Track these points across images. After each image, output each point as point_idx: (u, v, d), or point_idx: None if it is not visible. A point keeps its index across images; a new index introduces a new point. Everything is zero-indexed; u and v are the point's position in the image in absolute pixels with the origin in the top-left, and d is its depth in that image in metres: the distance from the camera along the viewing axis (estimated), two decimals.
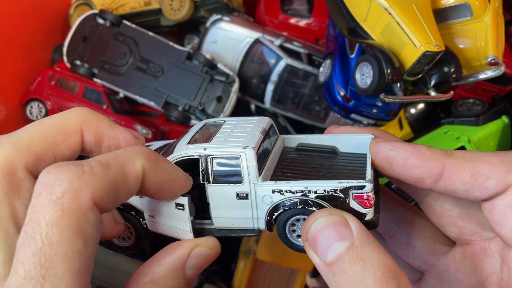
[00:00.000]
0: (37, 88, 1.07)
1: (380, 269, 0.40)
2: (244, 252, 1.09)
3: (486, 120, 0.92)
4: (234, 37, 1.10)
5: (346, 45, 0.92)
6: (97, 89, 1.06)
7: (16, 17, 1.05)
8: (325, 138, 0.61)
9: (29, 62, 1.10)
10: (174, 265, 0.46)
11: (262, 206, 0.52)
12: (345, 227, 0.43)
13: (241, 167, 0.52)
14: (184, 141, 0.56)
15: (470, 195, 0.47)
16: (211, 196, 0.53)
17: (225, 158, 0.52)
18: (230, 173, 0.52)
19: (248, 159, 0.52)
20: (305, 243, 0.46)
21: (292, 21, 1.17)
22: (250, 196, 0.52)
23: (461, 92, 1.06)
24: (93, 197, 0.37)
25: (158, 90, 1.04)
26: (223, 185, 0.53)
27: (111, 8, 1.12)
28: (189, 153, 0.53)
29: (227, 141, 0.54)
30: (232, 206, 0.53)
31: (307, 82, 1.06)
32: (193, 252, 0.48)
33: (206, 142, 0.54)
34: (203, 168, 0.53)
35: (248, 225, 0.55)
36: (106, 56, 1.06)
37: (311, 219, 0.45)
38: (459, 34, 0.86)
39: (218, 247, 0.51)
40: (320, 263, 0.43)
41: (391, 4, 0.77)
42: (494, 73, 0.84)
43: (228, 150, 0.52)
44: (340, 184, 0.49)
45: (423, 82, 0.82)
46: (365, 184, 0.48)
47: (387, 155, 0.49)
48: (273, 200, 0.51)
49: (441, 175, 0.47)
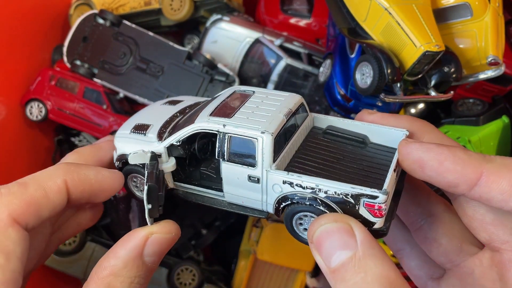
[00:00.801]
0: (37, 88, 1.07)
1: (381, 283, 0.39)
2: (244, 252, 1.09)
3: (486, 120, 0.92)
4: (234, 37, 1.10)
5: (346, 45, 0.92)
6: (97, 89, 1.06)
7: (16, 17, 1.05)
8: (357, 125, 0.58)
9: (29, 62, 1.10)
10: (131, 256, 0.47)
11: (272, 193, 0.52)
12: (349, 236, 0.42)
13: (256, 151, 0.51)
14: (209, 110, 0.56)
15: (506, 205, 0.44)
16: (224, 173, 0.53)
17: (242, 139, 0.51)
18: (245, 155, 0.52)
19: (265, 145, 0.50)
20: (311, 244, 0.45)
21: (292, 21, 1.17)
22: (262, 181, 0.51)
23: (461, 92, 1.06)
24: (11, 214, 0.40)
25: (158, 90, 1.04)
26: (236, 165, 0.52)
27: (111, 8, 1.12)
28: (208, 127, 0.53)
29: (248, 120, 0.53)
30: (243, 186, 0.53)
31: (307, 82, 1.06)
32: (149, 240, 0.48)
33: (228, 117, 0.53)
34: (220, 145, 0.52)
35: (257, 206, 0.54)
36: (106, 56, 1.06)
37: (316, 223, 0.45)
38: (459, 34, 0.85)
39: (176, 231, 0.52)
40: (324, 267, 0.43)
41: (391, 4, 0.77)
42: (494, 73, 0.84)
43: (246, 132, 0.51)
44: (353, 190, 0.47)
45: (423, 82, 0.82)
46: (378, 195, 0.46)
47: (420, 158, 0.47)
48: (282, 190, 0.51)
49: (477, 182, 0.44)
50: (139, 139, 0.60)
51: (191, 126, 0.55)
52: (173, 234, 0.51)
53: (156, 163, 0.54)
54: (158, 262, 0.50)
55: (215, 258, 1.24)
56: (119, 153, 0.61)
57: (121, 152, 0.60)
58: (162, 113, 0.65)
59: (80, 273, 1.04)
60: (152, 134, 0.60)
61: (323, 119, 0.61)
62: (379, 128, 0.57)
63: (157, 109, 0.68)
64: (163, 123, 0.62)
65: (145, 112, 0.69)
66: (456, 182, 0.45)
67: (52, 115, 1.06)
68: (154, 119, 0.64)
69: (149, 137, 0.60)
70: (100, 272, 0.46)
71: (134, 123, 0.64)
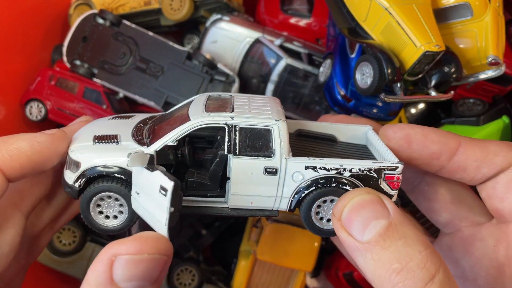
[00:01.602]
0: (37, 88, 1.06)
1: (422, 245, 0.41)
2: (244, 252, 1.09)
3: (486, 120, 0.92)
4: (234, 37, 1.10)
5: (346, 45, 0.92)
6: (96, 89, 1.06)
7: (16, 17, 1.05)
8: (324, 126, 0.60)
9: (28, 62, 1.09)
10: (99, 283, 0.39)
11: (291, 184, 0.50)
12: (382, 206, 0.44)
13: (273, 140, 0.49)
14: (198, 110, 0.52)
15: (479, 172, 0.49)
16: (235, 170, 0.50)
17: (255, 130, 0.49)
18: (260, 146, 0.49)
19: (282, 132, 0.49)
20: (337, 223, 0.45)
21: (292, 21, 1.17)
22: (280, 171, 0.50)
23: (462, 92, 1.06)
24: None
25: (158, 90, 1.04)
26: (250, 159, 0.49)
27: (111, 8, 1.12)
28: (213, 121, 0.49)
29: (253, 113, 0.51)
30: (256, 182, 0.50)
31: (307, 82, 1.06)
32: (115, 264, 0.39)
33: (228, 112, 0.51)
34: (230, 138, 0.49)
35: (268, 205, 0.52)
36: (106, 56, 1.06)
37: (346, 198, 0.45)
38: (460, 34, 0.85)
39: (152, 248, 0.40)
40: (355, 243, 0.43)
41: (391, 4, 0.77)
42: (495, 73, 0.84)
43: (259, 121, 0.49)
44: (375, 164, 0.49)
45: (424, 82, 0.81)
46: (398, 166, 0.49)
47: (407, 133, 0.51)
48: (304, 177, 0.49)
49: (456, 151, 0.50)
50: (114, 147, 0.51)
51: (190, 123, 0.50)
52: (146, 254, 0.39)
53: (155, 165, 0.49)
54: (151, 285, 0.41)
55: (215, 258, 1.24)
56: (86, 166, 0.50)
57: (91, 164, 0.50)
58: (119, 125, 0.57)
59: (80, 273, 1.04)
60: (129, 142, 0.52)
61: (291, 123, 0.61)
62: (345, 127, 0.60)
63: (109, 123, 0.59)
64: (132, 132, 0.55)
65: (94, 126, 0.58)
66: (439, 152, 0.50)
67: (52, 115, 1.06)
68: (114, 130, 0.56)
69: (125, 144, 0.52)
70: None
71: (90, 135, 0.54)
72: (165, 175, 0.45)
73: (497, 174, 0.49)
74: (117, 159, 0.50)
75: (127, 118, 0.61)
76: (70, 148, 0.52)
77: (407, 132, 0.51)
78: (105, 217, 0.52)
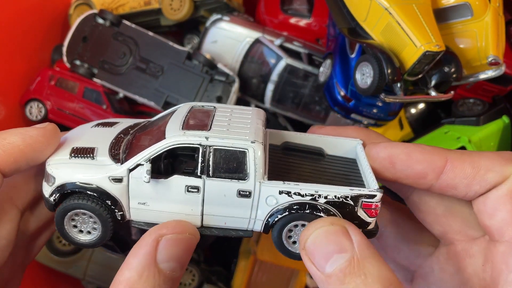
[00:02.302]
0: (37, 88, 1.06)
1: (381, 283, 0.39)
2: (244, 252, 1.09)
3: (486, 120, 0.92)
4: (234, 37, 1.09)
5: (346, 45, 0.92)
6: (96, 89, 1.06)
7: (16, 17, 1.04)
8: (312, 138, 0.58)
9: (28, 62, 1.09)
10: (144, 264, 0.43)
11: (264, 207, 0.49)
12: (346, 239, 0.42)
13: (247, 163, 0.48)
14: (175, 125, 0.51)
15: (470, 190, 0.47)
16: (208, 191, 0.49)
17: (230, 151, 0.48)
18: (234, 168, 0.48)
19: (256, 155, 0.48)
20: (302, 252, 0.44)
21: (292, 21, 1.17)
22: (253, 195, 0.49)
23: (462, 92, 1.06)
24: None
25: (158, 90, 1.04)
26: (223, 181, 0.48)
27: (111, 8, 1.12)
28: (187, 141, 0.48)
29: (230, 132, 0.50)
30: (229, 204, 0.49)
31: (307, 82, 1.06)
32: (160, 243, 0.43)
33: (205, 130, 0.50)
34: (203, 159, 0.48)
35: (242, 225, 0.51)
36: (106, 56, 1.06)
37: (310, 228, 0.44)
38: (460, 34, 0.85)
39: (191, 230, 0.46)
40: (318, 273, 0.42)
41: (392, 4, 0.77)
42: (495, 73, 0.84)
43: (234, 143, 0.48)
44: (352, 192, 0.47)
45: (424, 82, 0.81)
46: (376, 194, 0.47)
47: (389, 154, 0.49)
48: (278, 201, 0.48)
49: (443, 169, 0.47)
50: (88, 163, 0.50)
51: (164, 142, 0.49)
52: (187, 233, 0.46)
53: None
54: (181, 269, 0.45)
55: (215, 258, 1.24)
56: (60, 182, 0.49)
57: (64, 181, 0.49)
58: (100, 135, 0.56)
59: (80, 273, 1.04)
60: (104, 157, 0.51)
61: (277, 134, 0.59)
62: (333, 140, 0.58)
63: (91, 132, 0.58)
64: (110, 145, 0.54)
65: (76, 135, 0.58)
66: (425, 172, 0.47)
67: (52, 115, 1.06)
68: (93, 141, 0.55)
69: (100, 160, 0.51)
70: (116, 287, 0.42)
71: (69, 147, 0.53)
72: (187, 175, 0.48)
73: (489, 190, 0.46)
74: (91, 176, 0.50)
75: (110, 126, 0.59)
76: (47, 161, 0.51)
77: (390, 153, 0.49)
78: (79, 232, 0.52)
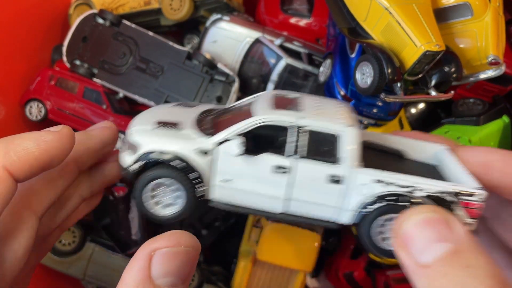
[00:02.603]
0: (37, 88, 1.06)
1: (489, 278, 0.36)
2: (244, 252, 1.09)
3: (486, 119, 0.92)
4: (234, 37, 1.09)
5: (347, 44, 0.92)
6: (96, 89, 1.06)
7: (16, 17, 1.05)
8: (391, 139, 0.56)
9: (28, 62, 1.09)
10: (137, 282, 0.40)
11: (357, 196, 0.46)
12: (448, 228, 0.39)
13: (341, 147, 0.46)
14: (265, 106, 0.49)
15: None
16: (296, 173, 0.47)
17: (324, 133, 0.46)
18: (327, 152, 0.46)
19: (353, 139, 0.46)
20: (395, 241, 0.41)
21: (292, 20, 1.17)
22: (346, 181, 0.46)
23: (462, 92, 1.06)
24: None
25: (158, 90, 1.04)
26: (314, 163, 0.46)
27: (111, 7, 1.12)
28: (280, 119, 0.47)
29: (324, 115, 0.48)
30: (317, 190, 0.47)
31: (307, 82, 1.06)
32: (153, 259, 0.40)
33: (297, 111, 0.48)
34: (294, 140, 0.46)
35: (326, 215, 0.48)
36: (106, 56, 1.06)
37: (407, 214, 0.40)
38: (460, 33, 0.85)
39: (187, 241, 0.42)
40: (412, 263, 0.39)
41: (392, 4, 0.77)
42: (495, 73, 0.84)
43: (330, 125, 0.46)
44: (454, 187, 0.45)
45: (424, 81, 0.81)
46: (481, 192, 0.44)
47: (485, 159, 0.46)
48: (373, 191, 0.45)
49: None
50: (174, 134, 0.50)
51: (256, 118, 0.47)
52: (183, 246, 0.42)
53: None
54: (183, 283, 0.42)
55: (215, 259, 1.24)
56: (145, 150, 0.49)
57: (150, 149, 0.49)
58: (183, 113, 0.56)
59: (79, 273, 1.04)
60: (190, 130, 0.51)
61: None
62: (415, 143, 0.55)
63: (172, 109, 0.59)
64: (195, 121, 0.53)
65: (156, 112, 0.58)
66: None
67: (52, 115, 1.06)
68: (177, 116, 0.55)
69: (186, 132, 0.50)
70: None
71: (151, 119, 0.53)
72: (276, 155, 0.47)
73: None
74: (177, 146, 0.49)
75: (191, 107, 0.60)
76: (128, 130, 0.51)
77: (485, 158, 0.46)
78: (158, 204, 0.51)
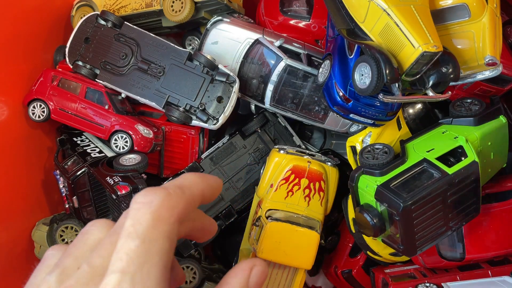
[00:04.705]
0: (39, 89, 1.08)
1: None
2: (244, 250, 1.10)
3: (483, 120, 0.93)
4: (235, 38, 1.11)
5: (345, 46, 0.93)
6: (99, 89, 1.07)
7: (19, 19, 1.06)
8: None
9: (31, 63, 1.10)
10: (241, 285, 0.48)
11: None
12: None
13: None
14: None
15: None
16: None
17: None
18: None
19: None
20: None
21: (291, 22, 1.18)
22: None
23: (459, 92, 1.07)
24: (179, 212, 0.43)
25: (159, 90, 1.05)
26: None
27: (113, 9, 1.13)
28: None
29: None
30: None
31: (307, 83, 1.07)
32: (253, 271, 0.49)
33: None
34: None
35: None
36: (107, 57, 1.07)
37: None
38: (457, 35, 0.86)
39: (266, 267, 0.52)
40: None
41: (390, 5, 0.78)
42: (492, 74, 0.85)
43: None
44: None
45: (421, 82, 0.82)
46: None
47: None
48: None
49: None
50: None
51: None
52: (267, 269, 0.51)
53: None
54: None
55: (216, 257, 1.25)
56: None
57: None
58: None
59: None
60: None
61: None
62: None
63: None
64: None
65: None
66: None
67: (54, 115, 1.07)
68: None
69: None
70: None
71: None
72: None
73: None
74: None
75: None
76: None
77: None
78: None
